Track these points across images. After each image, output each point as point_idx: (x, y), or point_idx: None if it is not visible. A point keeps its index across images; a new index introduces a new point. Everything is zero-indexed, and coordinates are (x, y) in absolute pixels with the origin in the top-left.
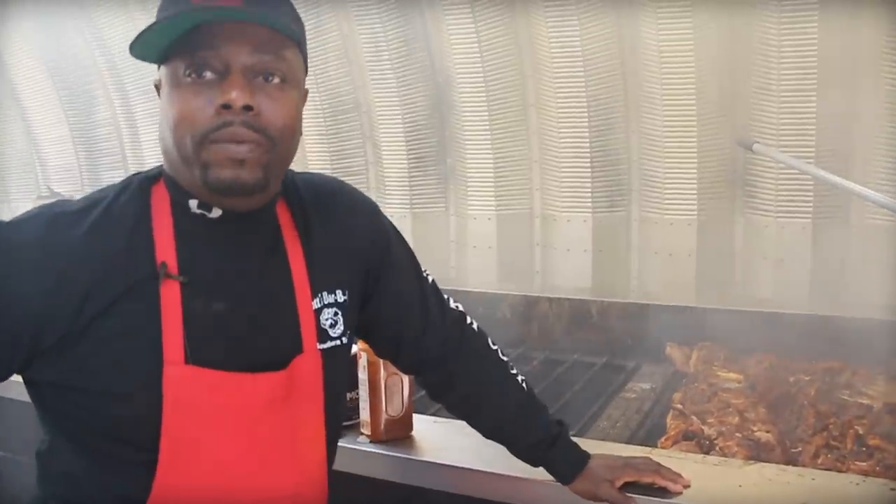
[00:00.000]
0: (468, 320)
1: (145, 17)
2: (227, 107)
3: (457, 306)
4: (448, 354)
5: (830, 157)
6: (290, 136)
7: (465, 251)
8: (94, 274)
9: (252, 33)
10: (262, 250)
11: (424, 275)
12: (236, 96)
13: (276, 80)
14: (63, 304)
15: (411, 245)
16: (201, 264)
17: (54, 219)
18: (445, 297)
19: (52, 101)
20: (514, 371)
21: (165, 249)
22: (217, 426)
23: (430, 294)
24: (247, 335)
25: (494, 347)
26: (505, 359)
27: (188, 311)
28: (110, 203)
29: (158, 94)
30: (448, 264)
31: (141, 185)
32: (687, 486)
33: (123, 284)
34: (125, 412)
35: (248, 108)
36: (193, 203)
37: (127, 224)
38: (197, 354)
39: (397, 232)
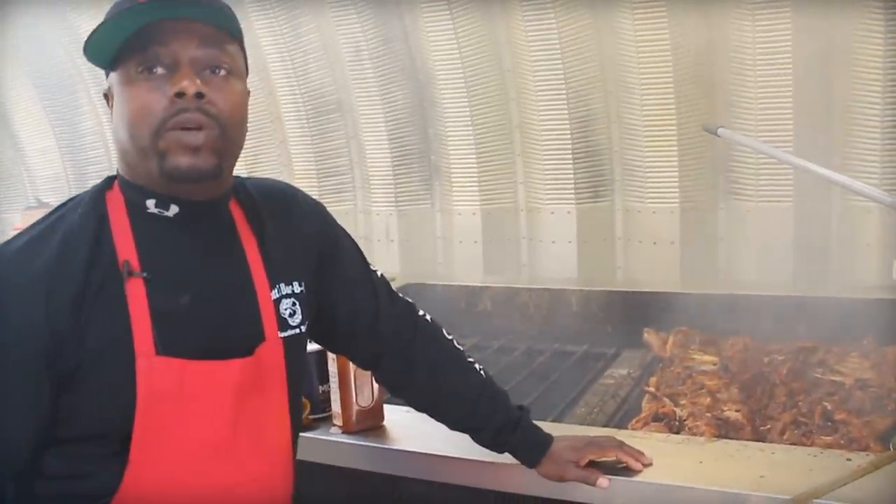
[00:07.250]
0: (420, 311)
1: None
2: (180, 95)
3: (406, 299)
4: (403, 343)
5: (809, 142)
6: (239, 124)
7: (452, 247)
8: (69, 287)
9: (197, 30)
10: (218, 246)
11: (373, 269)
12: (188, 84)
13: (223, 72)
14: (55, 327)
15: (398, 242)
16: (162, 260)
17: (16, 254)
18: (394, 290)
19: (38, 112)
20: (472, 359)
21: (126, 249)
22: (188, 415)
23: (379, 284)
24: (212, 326)
25: (449, 337)
26: (461, 347)
27: (154, 305)
28: (70, 225)
29: (109, 103)
30: (435, 261)
31: (94, 197)
32: (648, 465)
33: (93, 289)
34: (100, 406)
35: (199, 95)
36: (151, 202)
37: (88, 235)
38: (167, 346)
39: (344, 230)
